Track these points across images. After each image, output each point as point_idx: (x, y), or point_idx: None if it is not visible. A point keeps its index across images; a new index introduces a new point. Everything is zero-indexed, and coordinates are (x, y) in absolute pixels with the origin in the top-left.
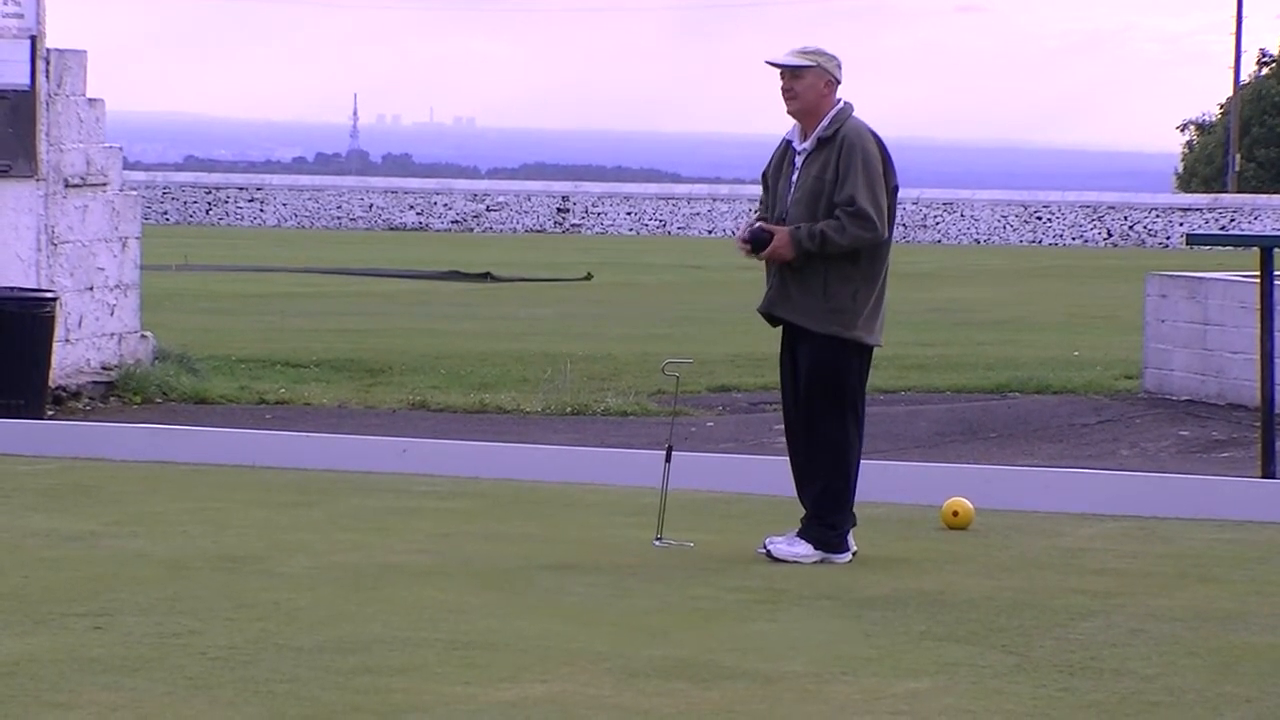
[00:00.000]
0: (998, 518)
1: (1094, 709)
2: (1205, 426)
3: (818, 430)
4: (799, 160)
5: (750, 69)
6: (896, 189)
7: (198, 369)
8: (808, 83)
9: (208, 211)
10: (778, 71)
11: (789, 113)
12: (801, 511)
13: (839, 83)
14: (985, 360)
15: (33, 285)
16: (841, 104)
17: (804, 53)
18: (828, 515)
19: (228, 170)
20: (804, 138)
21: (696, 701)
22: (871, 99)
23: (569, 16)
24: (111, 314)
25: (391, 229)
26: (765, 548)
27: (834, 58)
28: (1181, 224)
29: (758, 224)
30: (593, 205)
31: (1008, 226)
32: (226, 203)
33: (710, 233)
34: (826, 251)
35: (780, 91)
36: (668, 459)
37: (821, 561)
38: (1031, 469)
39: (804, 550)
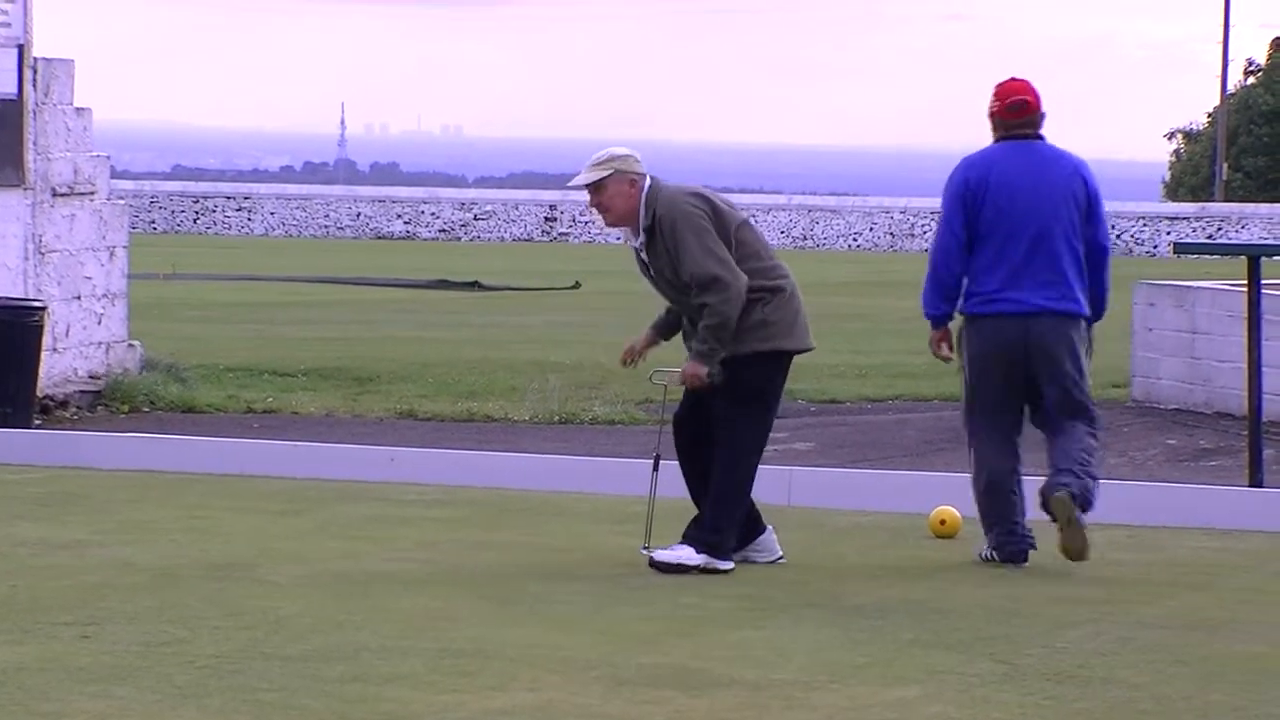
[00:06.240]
0: None
1: (1082, 717)
2: (1193, 435)
3: (729, 437)
4: (645, 256)
5: (740, 77)
6: (744, 223)
7: (185, 378)
8: (611, 191)
9: (195, 220)
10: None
11: (609, 225)
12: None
13: (643, 175)
14: None
15: (20, 294)
16: (648, 187)
17: (597, 164)
18: (716, 520)
19: (215, 179)
20: (635, 235)
21: (685, 710)
22: (859, 106)
23: (557, 25)
24: (99, 323)
25: (379, 238)
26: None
27: (628, 155)
28: (1169, 233)
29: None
30: (580, 214)
31: None
32: (214, 212)
33: None
34: (723, 336)
35: (593, 209)
36: (655, 468)
37: (704, 566)
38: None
39: (686, 554)
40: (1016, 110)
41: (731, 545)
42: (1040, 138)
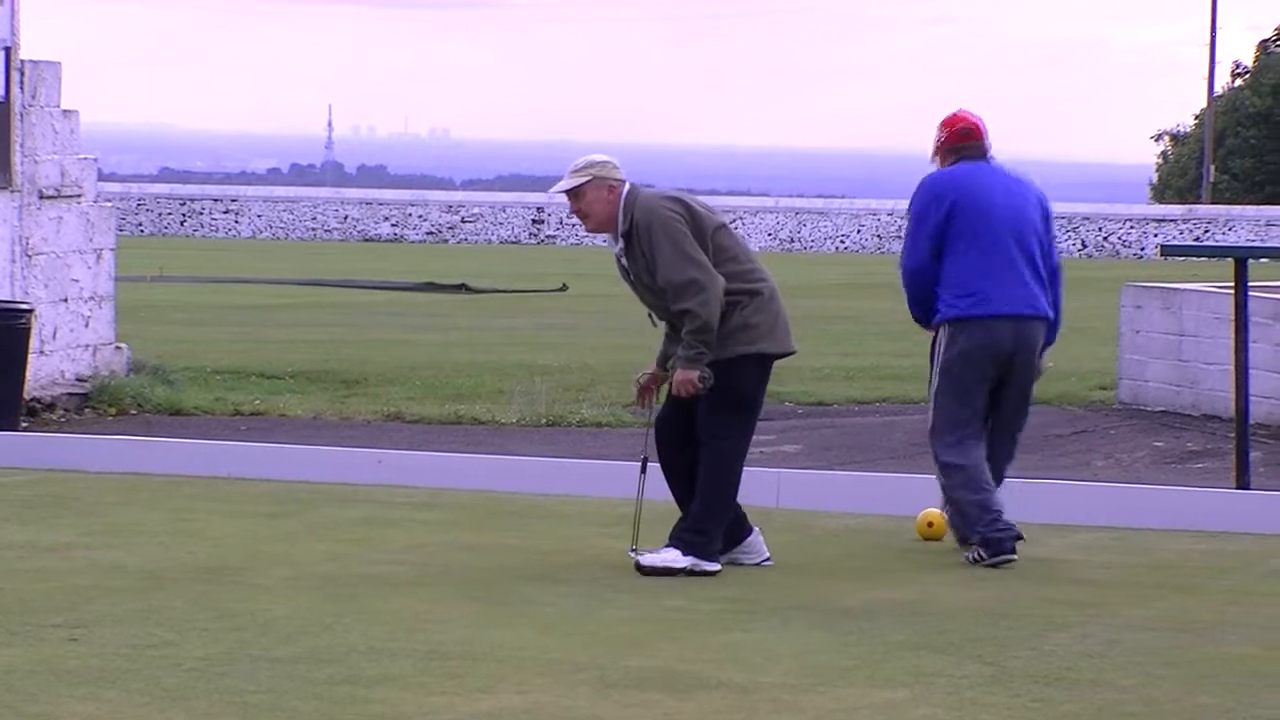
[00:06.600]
0: None
1: None
2: (1180, 437)
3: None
4: (625, 262)
5: (727, 80)
6: (722, 226)
7: (173, 380)
8: (590, 198)
9: (182, 223)
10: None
11: (589, 231)
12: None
13: (621, 181)
14: None
15: (7, 297)
16: (626, 192)
17: (576, 171)
18: (702, 522)
19: (203, 181)
20: (615, 241)
21: (673, 712)
22: (846, 109)
23: (545, 27)
24: (86, 325)
25: (366, 240)
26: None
27: (606, 162)
28: (1156, 235)
29: (646, 376)
30: (567, 216)
31: None
32: (201, 214)
33: None
34: (708, 339)
35: (574, 215)
36: (643, 470)
37: (691, 568)
38: (1006, 480)
39: (672, 557)
40: (966, 135)
41: (718, 547)
42: (990, 161)
